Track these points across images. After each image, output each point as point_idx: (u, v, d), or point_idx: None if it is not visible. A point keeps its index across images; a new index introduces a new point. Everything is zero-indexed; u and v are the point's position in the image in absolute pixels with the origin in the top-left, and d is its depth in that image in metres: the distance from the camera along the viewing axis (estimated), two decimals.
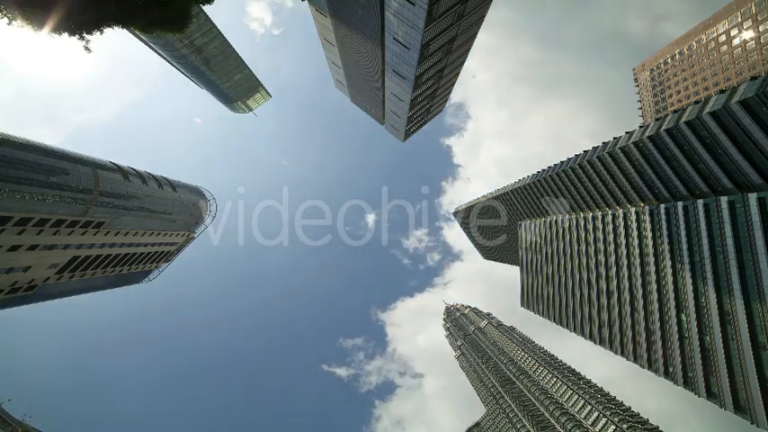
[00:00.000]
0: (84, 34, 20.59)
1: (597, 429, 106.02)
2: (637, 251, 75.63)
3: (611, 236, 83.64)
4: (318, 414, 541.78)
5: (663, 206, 69.50)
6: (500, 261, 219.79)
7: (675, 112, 64.63)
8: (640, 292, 73.75)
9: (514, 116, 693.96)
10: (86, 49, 21.81)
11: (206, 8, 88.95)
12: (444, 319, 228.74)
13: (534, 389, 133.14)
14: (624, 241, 79.42)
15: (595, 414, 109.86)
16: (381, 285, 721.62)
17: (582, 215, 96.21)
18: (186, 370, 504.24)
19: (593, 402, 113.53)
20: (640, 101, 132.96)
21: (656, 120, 68.99)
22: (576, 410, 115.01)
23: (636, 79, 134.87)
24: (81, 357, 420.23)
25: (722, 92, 56.77)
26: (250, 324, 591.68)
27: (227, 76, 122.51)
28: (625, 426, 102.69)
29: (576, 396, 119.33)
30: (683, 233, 64.40)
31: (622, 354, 77.11)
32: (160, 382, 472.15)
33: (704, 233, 60.19)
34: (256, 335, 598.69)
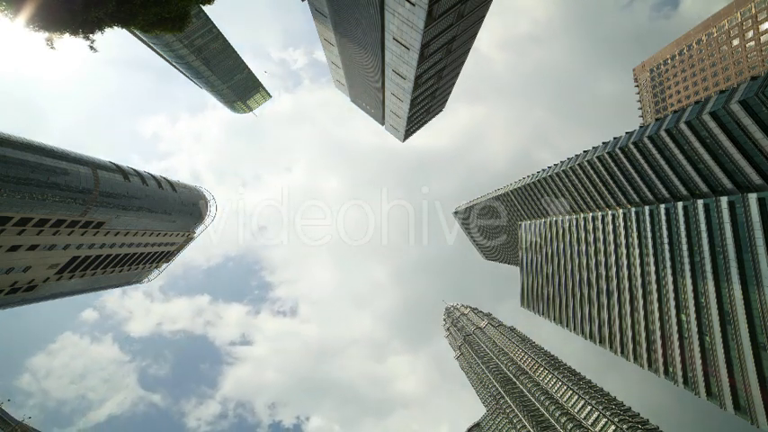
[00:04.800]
0: (88, 34, 20.62)
1: (597, 429, 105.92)
2: (637, 251, 75.63)
3: (611, 236, 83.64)
4: None
5: (663, 206, 69.52)
6: (500, 261, 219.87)
7: (675, 112, 64.64)
8: (640, 292, 73.75)
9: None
10: (92, 48, 21.87)
11: (206, 8, 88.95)
12: (444, 320, 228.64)
13: (534, 389, 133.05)
14: (624, 241, 79.43)
15: (595, 414, 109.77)
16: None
17: (582, 215, 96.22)
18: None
19: (594, 402, 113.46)
20: (640, 101, 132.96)
21: (656, 120, 69.02)
22: (576, 410, 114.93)
23: (636, 79, 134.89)
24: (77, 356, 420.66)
25: (722, 92, 56.79)
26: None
27: (227, 76, 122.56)
28: (625, 426, 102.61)
29: (576, 396, 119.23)
30: (683, 233, 64.41)
31: (622, 353, 77.10)
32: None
33: (704, 233, 60.19)
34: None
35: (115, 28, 22.27)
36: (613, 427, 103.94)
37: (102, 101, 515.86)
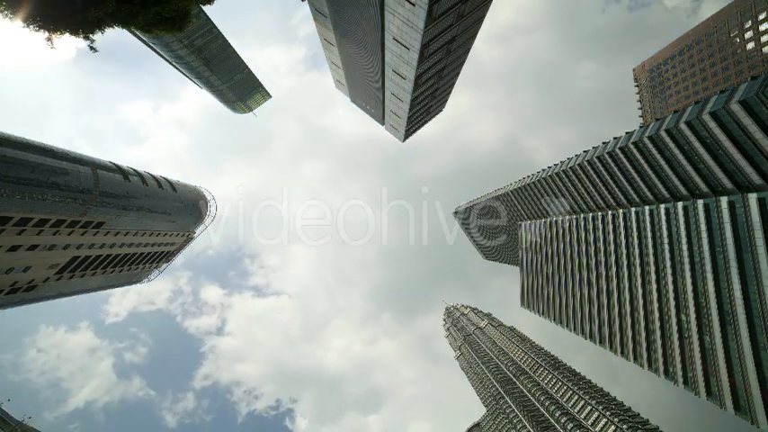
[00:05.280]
0: (88, 34, 20.61)
1: (597, 429, 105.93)
2: (637, 251, 75.63)
3: (611, 236, 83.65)
4: None
5: (663, 206, 69.52)
6: (500, 261, 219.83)
7: (675, 112, 64.65)
8: (640, 291, 73.75)
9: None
10: (92, 48, 21.87)
11: (206, 8, 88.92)
12: (444, 320, 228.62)
13: (534, 389, 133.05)
14: (624, 241, 79.43)
15: (595, 414, 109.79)
16: None
17: (582, 215, 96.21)
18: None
19: (594, 402, 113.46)
20: (640, 101, 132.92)
21: (656, 120, 69.01)
22: (576, 410, 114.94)
23: (636, 79, 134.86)
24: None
25: (722, 92, 56.80)
26: None
27: (227, 76, 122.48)
28: (625, 426, 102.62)
29: (576, 396, 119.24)
30: (683, 233, 64.41)
31: (622, 353, 77.09)
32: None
33: (704, 233, 60.20)
34: None
35: (115, 28, 22.25)
36: (613, 428, 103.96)
37: (99, 99, 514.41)
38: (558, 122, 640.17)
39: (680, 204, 65.48)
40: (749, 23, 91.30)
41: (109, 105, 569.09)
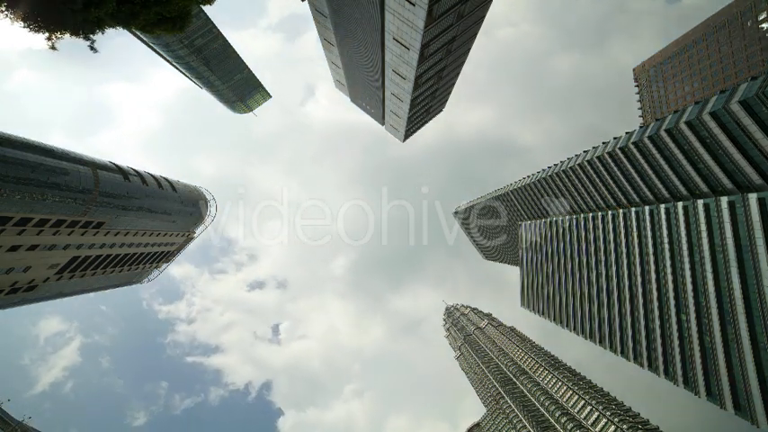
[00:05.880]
0: (88, 34, 20.63)
1: (597, 430, 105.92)
2: (637, 251, 75.65)
3: (611, 235, 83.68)
4: None
5: (663, 206, 69.54)
6: (500, 261, 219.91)
7: (675, 112, 64.67)
8: (640, 291, 73.78)
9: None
10: (92, 49, 21.91)
11: (206, 8, 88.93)
12: (444, 320, 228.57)
13: (534, 389, 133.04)
14: (624, 241, 79.46)
15: (595, 414, 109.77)
16: None
17: (582, 216, 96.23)
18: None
19: (594, 402, 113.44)
20: (640, 101, 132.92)
21: (656, 120, 69.03)
22: (576, 410, 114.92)
23: (636, 79, 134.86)
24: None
25: (722, 92, 56.81)
26: None
27: (227, 76, 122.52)
28: (625, 426, 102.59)
29: (576, 396, 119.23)
30: (683, 233, 64.43)
31: (622, 353, 77.10)
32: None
33: (704, 233, 60.22)
34: None
35: (115, 28, 22.28)
36: (613, 428, 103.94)
37: (101, 100, 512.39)
38: (539, 110, 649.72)
39: (680, 204, 65.49)
40: (749, 23, 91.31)
41: (79, 90, 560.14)
